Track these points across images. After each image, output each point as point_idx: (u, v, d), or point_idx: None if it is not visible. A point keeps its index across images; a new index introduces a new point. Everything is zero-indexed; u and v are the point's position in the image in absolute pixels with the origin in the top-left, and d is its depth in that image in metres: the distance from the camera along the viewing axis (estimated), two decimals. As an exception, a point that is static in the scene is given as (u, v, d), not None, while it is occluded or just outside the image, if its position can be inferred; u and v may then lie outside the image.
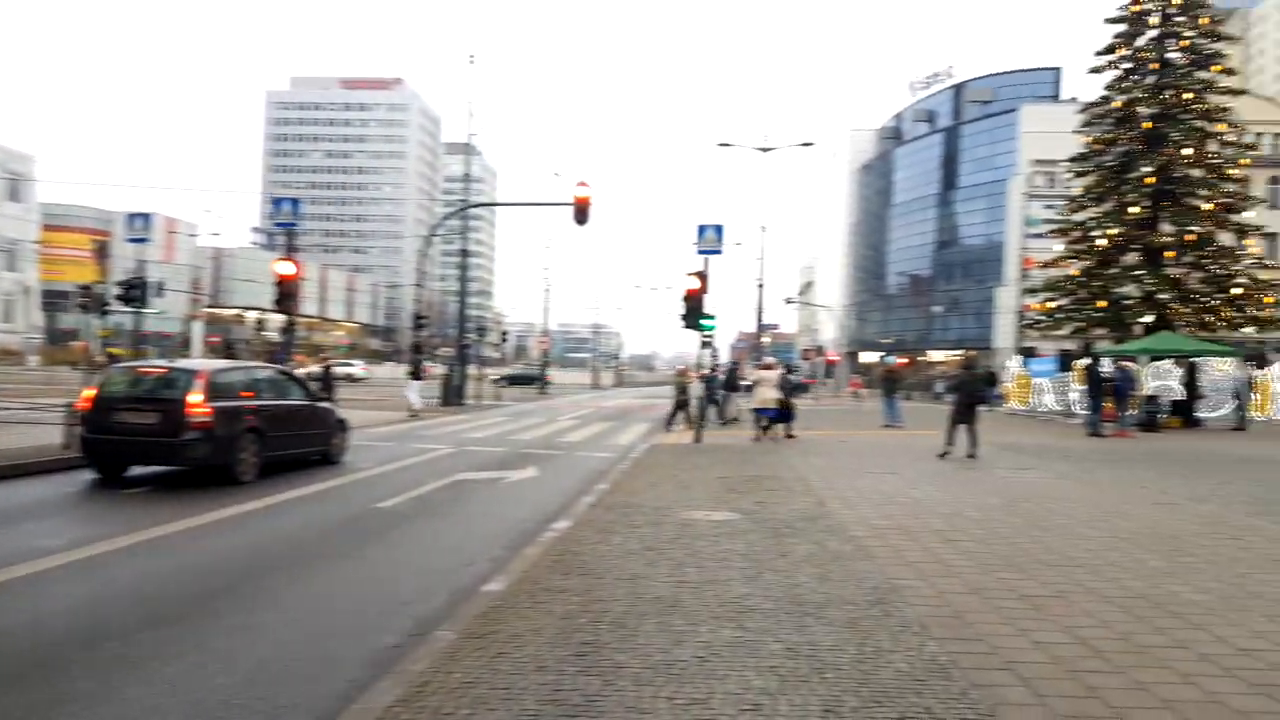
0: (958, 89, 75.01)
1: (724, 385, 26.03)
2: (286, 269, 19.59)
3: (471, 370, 37.61)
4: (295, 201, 20.84)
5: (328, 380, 23.21)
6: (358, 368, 50.69)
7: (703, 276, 19.38)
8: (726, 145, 42.31)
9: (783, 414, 19.64)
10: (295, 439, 12.83)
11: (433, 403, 30.98)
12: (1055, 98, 67.08)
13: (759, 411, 19.71)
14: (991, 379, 33.73)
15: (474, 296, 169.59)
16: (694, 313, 19.33)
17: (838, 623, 5.44)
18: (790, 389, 20.36)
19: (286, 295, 19.51)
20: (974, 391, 16.11)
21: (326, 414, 13.95)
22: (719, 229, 19.97)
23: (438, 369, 39.74)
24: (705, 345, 21.00)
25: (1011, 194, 61.54)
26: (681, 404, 23.12)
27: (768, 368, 23.91)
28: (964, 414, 15.85)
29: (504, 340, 45.30)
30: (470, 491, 11.82)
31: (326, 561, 7.76)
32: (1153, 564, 7.12)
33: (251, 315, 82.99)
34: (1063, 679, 4.53)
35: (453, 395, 33.10)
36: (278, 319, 22.52)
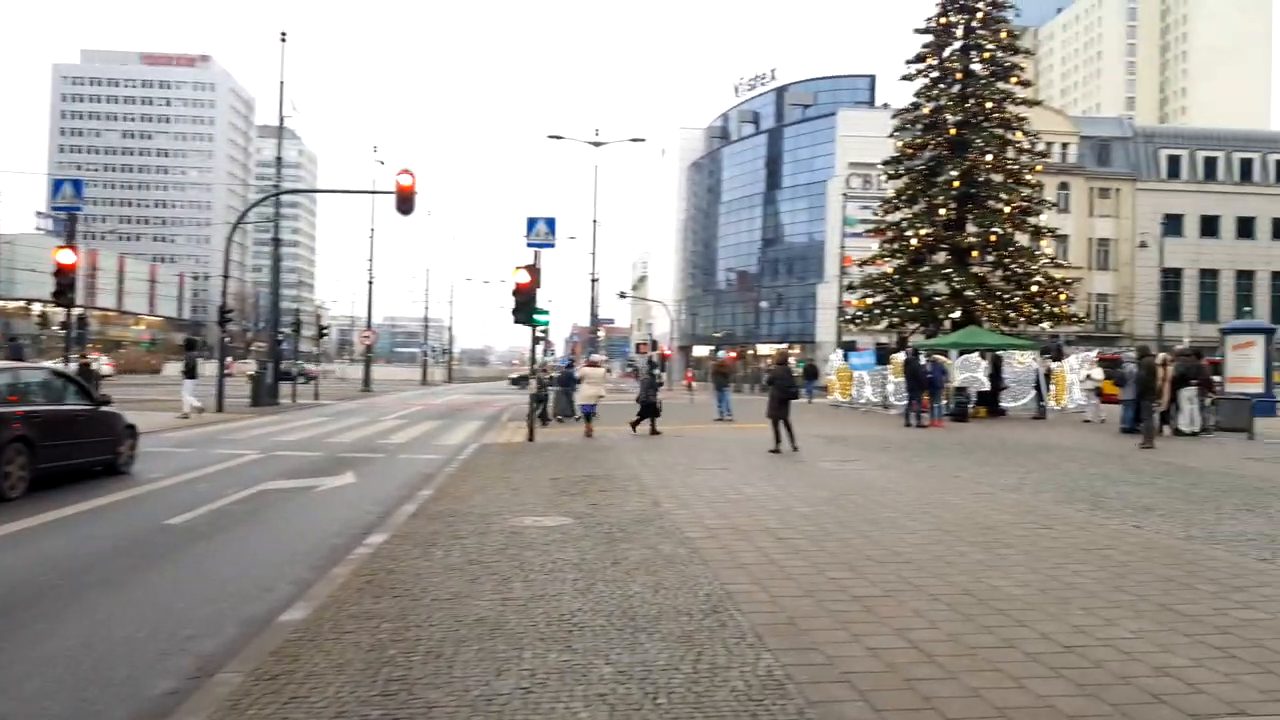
0: (780, 92, 77.32)
1: (575, 382, 25.71)
2: (67, 257, 17.73)
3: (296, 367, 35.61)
4: (78, 183, 18.79)
5: (87, 379, 21.10)
6: (102, 363, 44.51)
7: (533, 270, 18.87)
8: (557, 137, 42.07)
9: (648, 410, 19.81)
10: (74, 448, 11.50)
11: (242, 402, 29.12)
12: (871, 103, 70.24)
13: (584, 408, 20.16)
14: (813, 372, 34.90)
15: (291, 289, 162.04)
16: (525, 307, 18.79)
17: (672, 637, 5.13)
18: (654, 386, 20.43)
19: (66, 286, 17.64)
20: (787, 386, 16.36)
21: (112, 419, 12.60)
22: (550, 222, 19.51)
23: (250, 366, 37.27)
24: (538, 340, 20.51)
25: (831, 194, 63.98)
26: (541, 399, 23.03)
27: (594, 365, 24.12)
28: (779, 408, 16.07)
29: (323, 335, 43.09)
30: (276, 503, 10.89)
31: (100, 590, 6.82)
32: (975, 557, 7.22)
33: (37, 308, 75.91)
34: (899, 689, 4.38)
35: (265, 395, 31.18)
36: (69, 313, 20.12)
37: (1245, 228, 61.01)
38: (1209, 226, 60.94)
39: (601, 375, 21.64)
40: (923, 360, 22.34)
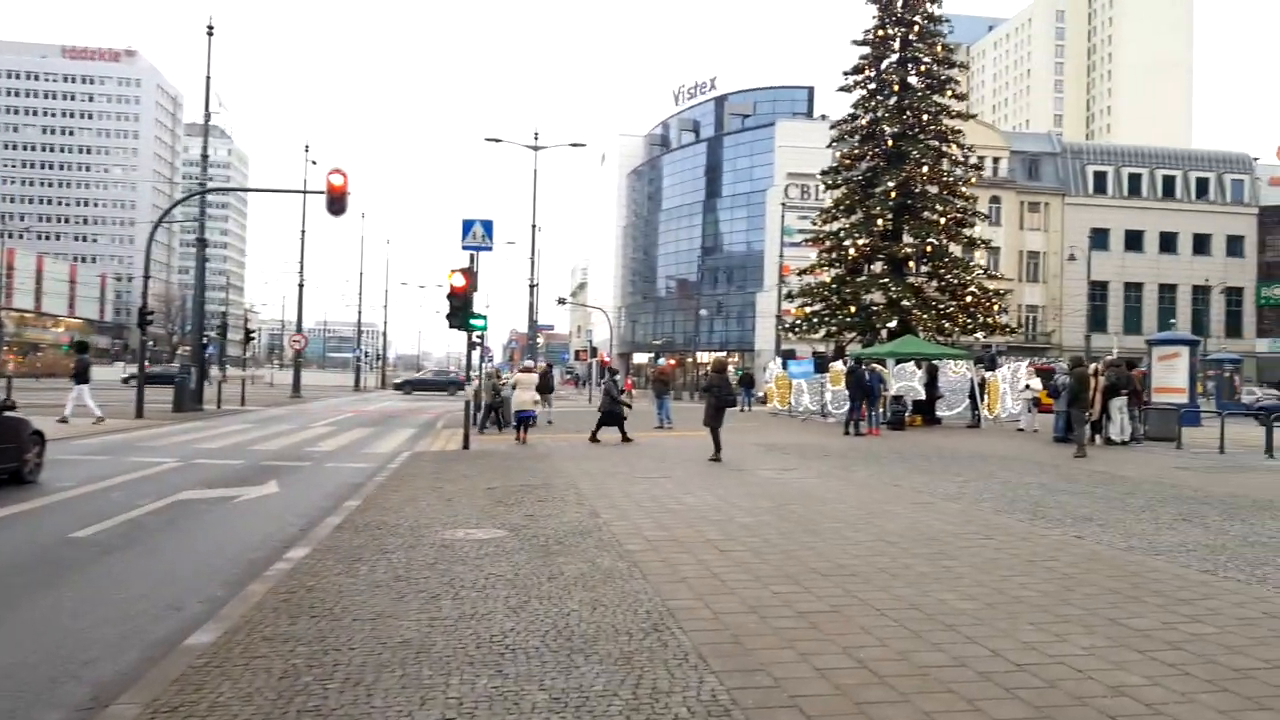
0: (720, 101, 77.77)
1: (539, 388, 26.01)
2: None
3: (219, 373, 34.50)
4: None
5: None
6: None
7: (469, 273, 18.45)
8: (495, 140, 41.57)
9: (609, 418, 19.72)
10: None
11: (164, 408, 28.07)
12: (809, 115, 71.02)
13: (519, 414, 19.90)
14: (749, 380, 34.86)
15: (219, 291, 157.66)
16: (461, 311, 18.35)
17: (611, 659, 4.84)
18: (618, 392, 20.52)
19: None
20: (724, 394, 16.23)
21: (17, 425, 11.88)
22: (487, 225, 19.09)
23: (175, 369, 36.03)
24: (475, 345, 20.08)
25: (770, 204, 64.46)
26: (494, 406, 23.18)
27: (528, 370, 23.71)
28: (715, 416, 15.93)
29: (250, 338, 41.70)
30: (193, 514, 10.34)
31: (-8, 611, 6.30)
32: (919, 569, 7.06)
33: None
34: (849, 715, 4.15)
35: (188, 400, 30.09)
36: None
37: (1168, 243, 62.98)
38: (1134, 241, 62.78)
39: (535, 381, 21.34)
40: (860, 369, 22.42)
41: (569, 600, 6.07)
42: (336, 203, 25.15)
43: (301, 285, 50.08)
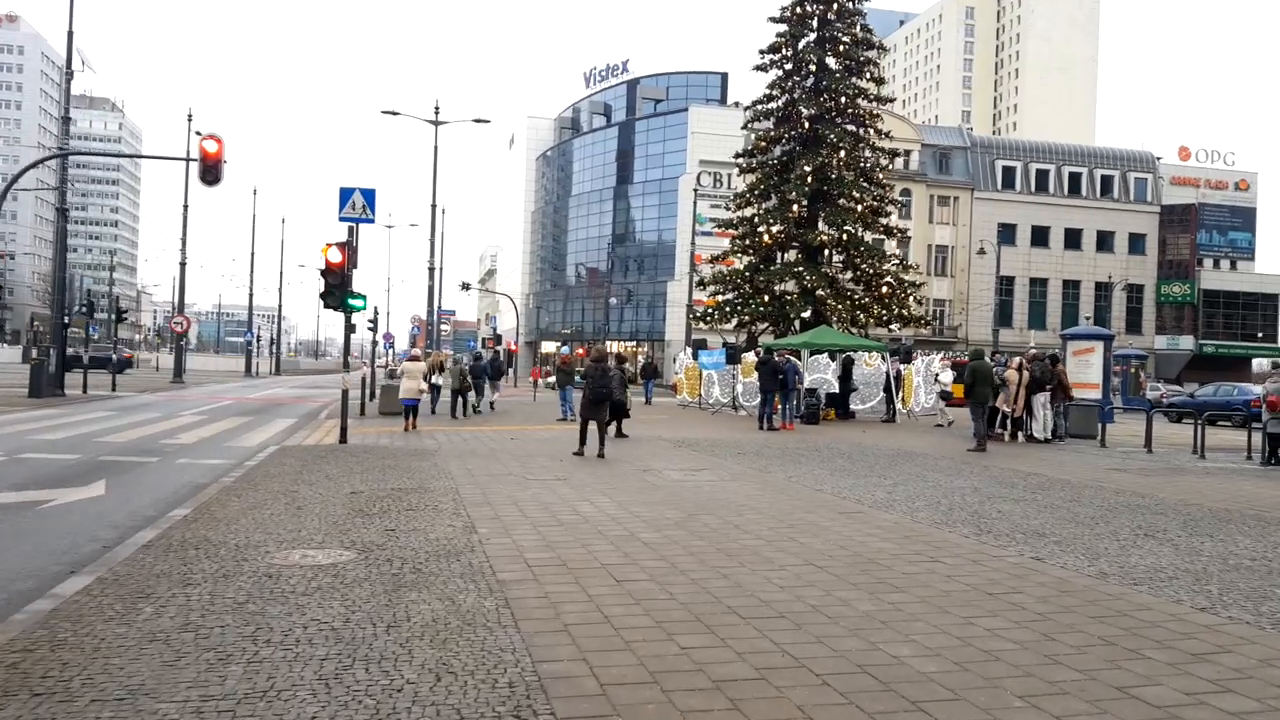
0: (632, 85, 76.17)
1: (487, 373, 25.96)
2: None
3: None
4: None
5: None
6: None
7: (348, 248, 16.54)
8: (393, 113, 39.17)
9: (616, 409, 17.22)
10: None
11: (18, 393, 25.32)
12: (722, 101, 70.07)
13: (404, 403, 19.31)
14: (652, 371, 33.29)
15: (104, 271, 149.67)
16: (338, 290, 16.44)
17: (443, 777, 3.30)
18: (620, 384, 17.76)
19: None
20: (599, 386, 14.69)
21: None
22: (369, 194, 17.16)
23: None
24: (352, 329, 18.14)
25: (682, 191, 63.33)
26: (459, 391, 23.52)
27: (415, 359, 22.37)
28: (590, 409, 14.51)
29: (121, 318, 38.81)
30: (-28, 527, 8.39)
31: None
32: (861, 606, 5.70)
33: None
34: None
35: (47, 384, 27.30)
36: None
37: (1073, 239, 64.06)
38: (1040, 237, 63.66)
39: (422, 370, 20.28)
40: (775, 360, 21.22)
41: (407, 664, 4.50)
42: (211, 171, 23.00)
43: (183, 264, 46.84)
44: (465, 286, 60.25)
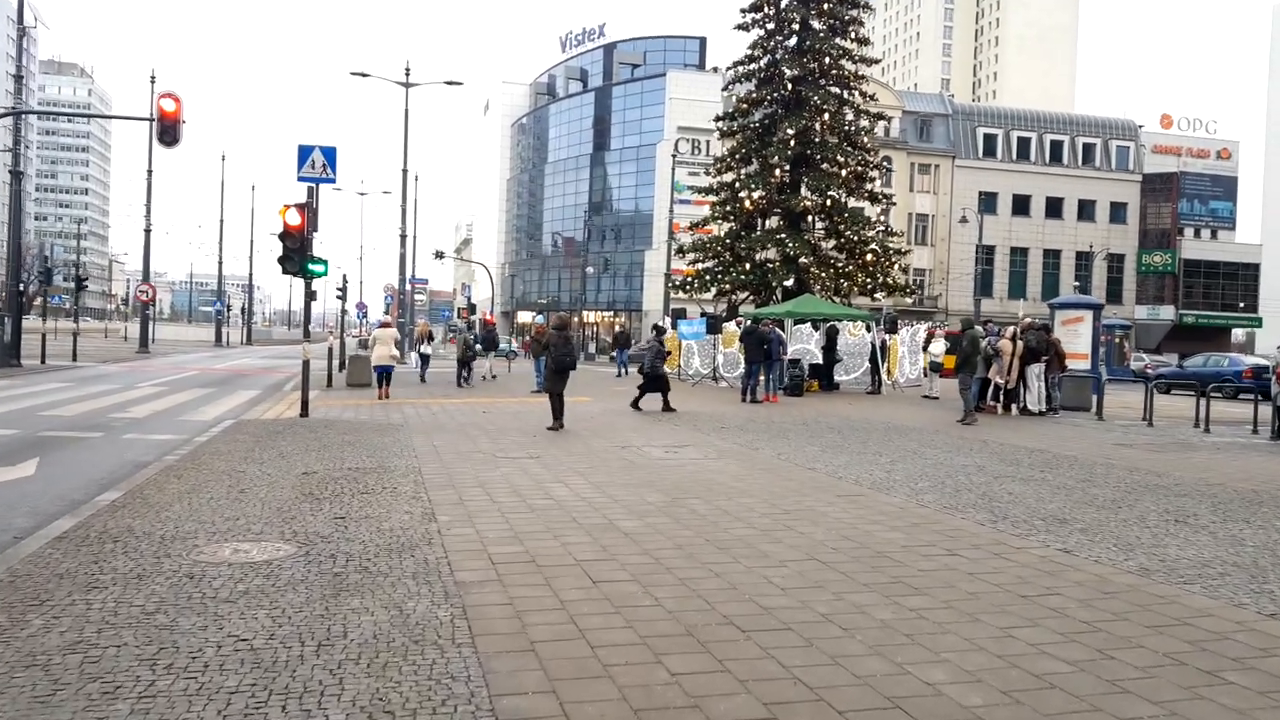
0: (608, 49, 74.52)
1: (482, 343, 25.82)
2: None
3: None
4: None
5: None
6: None
7: (307, 209, 15.50)
8: (362, 75, 38.01)
9: (654, 383, 17.13)
10: None
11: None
12: (701, 66, 68.71)
13: (377, 369, 19.31)
14: (624, 340, 32.17)
15: (71, 239, 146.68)
16: (297, 254, 15.41)
17: None
18: (660, 355, 18.00)
19: None
20: (563, 355, 13.92)
21: None
22: (329, 151, 16.11)
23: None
24: (313, 296, 17.12)
25: (660, 158, 62.17)
26: (465, 361, 23.79)
27: (386, 325, 22.08)
28: (557, 379, 13.76)
29: (81, 287, 37.72)
30: None
31: None
32: (879, 614, 4.91)
33: None
34: None
35: (2, 354, 26.14)
36: None
37: (1054, 208, 63.52)
38: (1021, 205, 63.07)
39: (392, 335, 20.38)
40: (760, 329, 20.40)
41: (335, 700, 3.65)
42: (169, 131, 21.96)
43: (148, 231, 45.30)
44: (439, 255, 58.98)
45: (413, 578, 5.46)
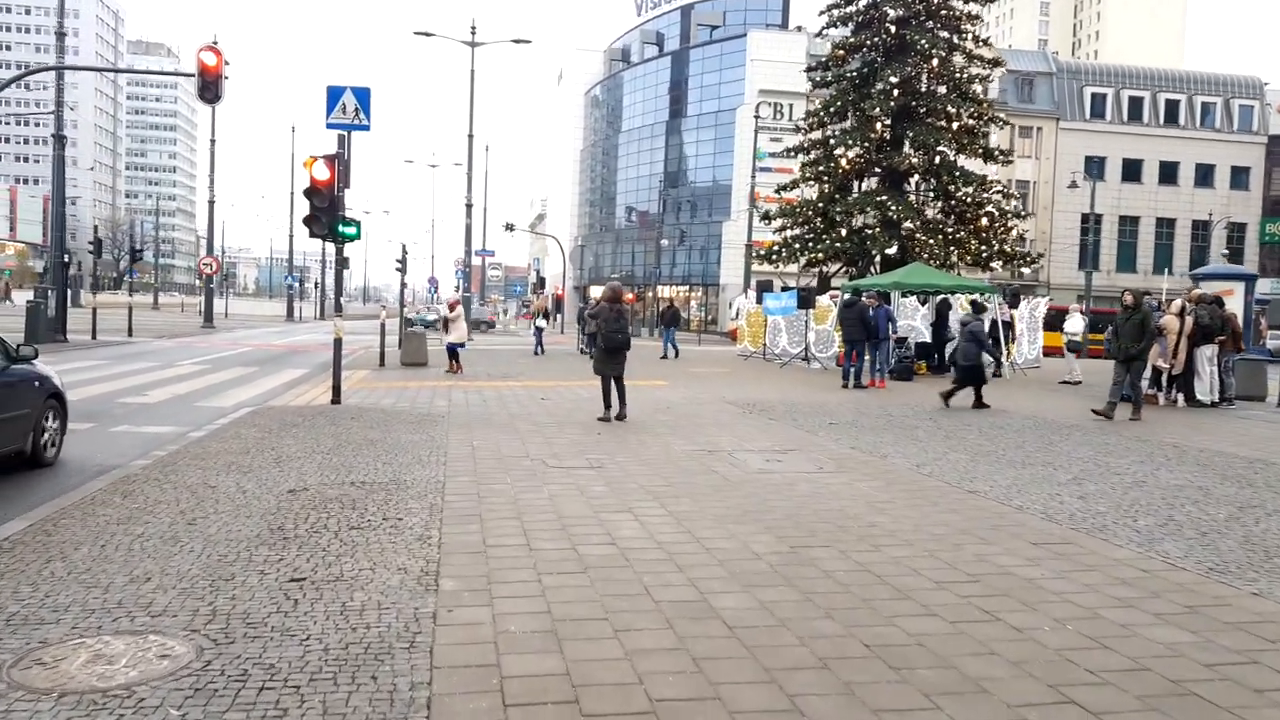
0: (685, 10, 71.08)
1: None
2: None
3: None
4: None
5: None
6: None
7: (337, 162, 13.20)
8: (427, 34, 35.85)
9: (970, 376, 13.73)
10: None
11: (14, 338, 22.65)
12: (783, 25, 65.03)
13: (449, 347, 19.03)
14: (673, 317, 28.45)
15: (164, 216, 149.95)
16: (325, 213, 13.10)
17: None
18: (973, 340, 13.73)
19: None
20: (615, 333, 11.38)
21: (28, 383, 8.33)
22: (362, 94, 13.75)
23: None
24: (345, 264, 14.83)
25: (739, 124, 58.95)
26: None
27: (455, 305, 20.06)
28: (606, 362, 11.26)
29: (137, 258, 37.00)
30: None
31: None
32: None
33: None
34: None
35: (44, 329, 24.71)
36: None
37: (1168, 173, 58.49)
38: (1131, 170, 58.20)
39: (461, 315, 19.80)
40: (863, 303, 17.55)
41: None
42: (209, 88, 20.00)
43: (212, 202, 44.19)
44: (509, 227, 56.88)
45: (356, 744, 2.99)
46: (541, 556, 5.29)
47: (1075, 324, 18.93)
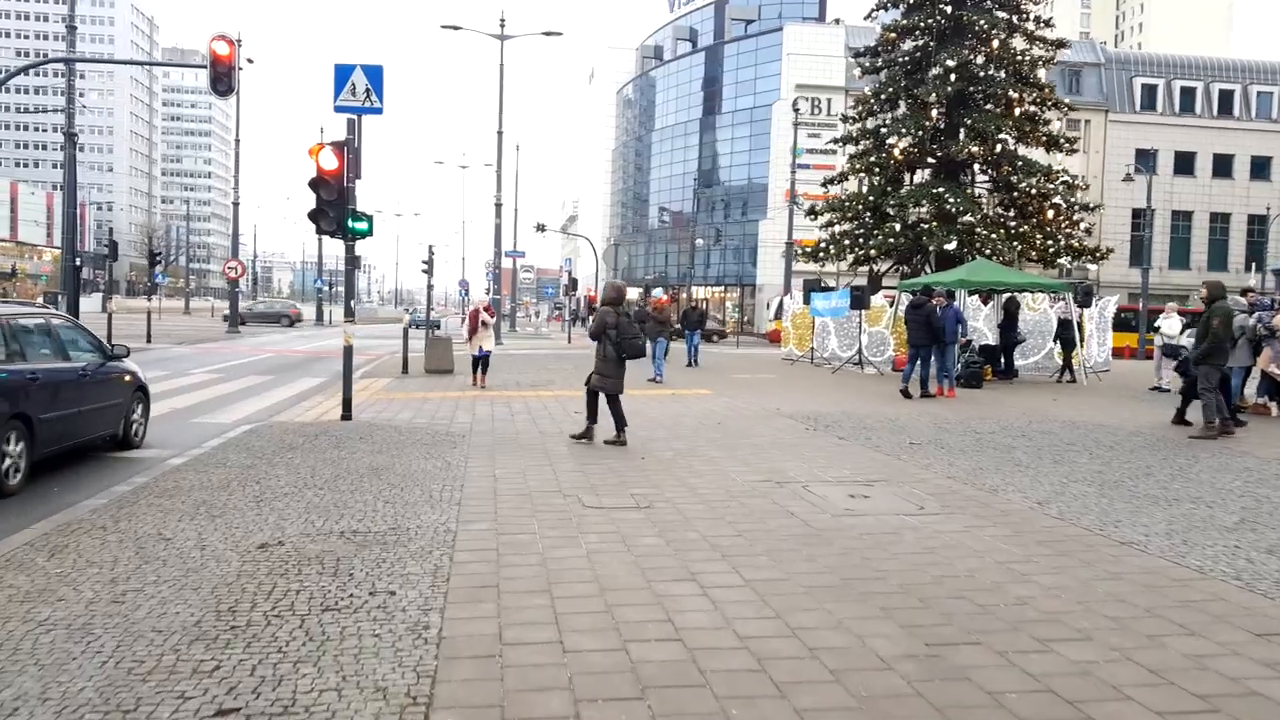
0: (719, 5, 69.50)
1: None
2: None
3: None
4: None
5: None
6: None
7: (346, 150, 11.80)
8: (454, 28, 34.60)
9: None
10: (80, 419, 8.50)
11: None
12: (820, 18, 63.20)
13: (474, 357, 16.99)
14: (697, 319, 26.01)
15: (199, 221, 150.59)
16: (334, 207, 11.70)
17: None
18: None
19: None
20: (623, 339, 9.70)
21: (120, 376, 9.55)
22: (374, 72, 12.31)
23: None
24: (356, 263, 13.39)
25: (775, 120, 57.24)
26: (652, 338, 19.41)
27: (486, 309, 18.31)
28: (618, 376, 9.70)
29: (156, 261, 36.42)
30: None
31: None
32: None
33: None
34: None
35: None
36: None
37: (1222, 166, 55.96)
38: (1184, 164, 55.75)
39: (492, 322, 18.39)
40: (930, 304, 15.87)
41: None
42: (222, 79, 18.86)
43: (236, 204, 43.35)
44: (540, 228, 55.59)
45: None
46: (579, 665, 3.76)
47: (1173, 325, 17.05)
